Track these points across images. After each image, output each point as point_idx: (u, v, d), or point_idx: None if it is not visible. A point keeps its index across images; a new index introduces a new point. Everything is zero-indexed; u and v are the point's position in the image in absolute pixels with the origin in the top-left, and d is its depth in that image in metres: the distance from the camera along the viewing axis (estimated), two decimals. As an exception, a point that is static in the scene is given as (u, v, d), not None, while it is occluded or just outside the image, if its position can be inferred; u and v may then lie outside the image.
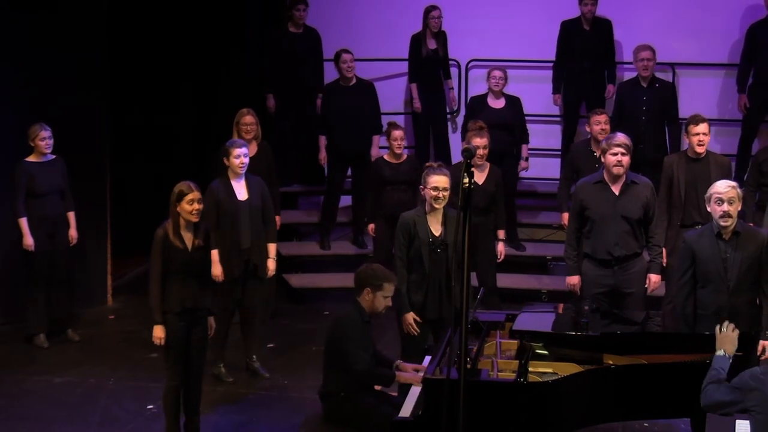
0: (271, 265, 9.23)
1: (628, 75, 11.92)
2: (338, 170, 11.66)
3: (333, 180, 11.76)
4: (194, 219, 7.55)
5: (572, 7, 12.00)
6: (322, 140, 11.53)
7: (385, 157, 10.49)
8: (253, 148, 9.86)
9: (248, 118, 9.88)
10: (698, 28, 12.40)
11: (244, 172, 8.96)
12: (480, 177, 9.56)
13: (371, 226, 10.60)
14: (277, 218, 9.79)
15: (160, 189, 7.76)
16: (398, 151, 10.37)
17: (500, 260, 9.94)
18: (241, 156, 8.88)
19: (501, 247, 9.86)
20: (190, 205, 7.48)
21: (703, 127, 9.16)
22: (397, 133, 10.35)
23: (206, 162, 10.18)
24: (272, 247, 9.23)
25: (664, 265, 9.22)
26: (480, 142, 9.41)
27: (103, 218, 11.15)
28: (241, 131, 9.83)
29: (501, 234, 9.85)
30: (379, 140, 11.47)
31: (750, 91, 11.71)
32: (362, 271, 7.22)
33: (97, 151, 11.05)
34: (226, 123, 10.02)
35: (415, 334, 7.88)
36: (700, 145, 9.21)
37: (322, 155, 11.56)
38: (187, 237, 7.57)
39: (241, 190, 9.00)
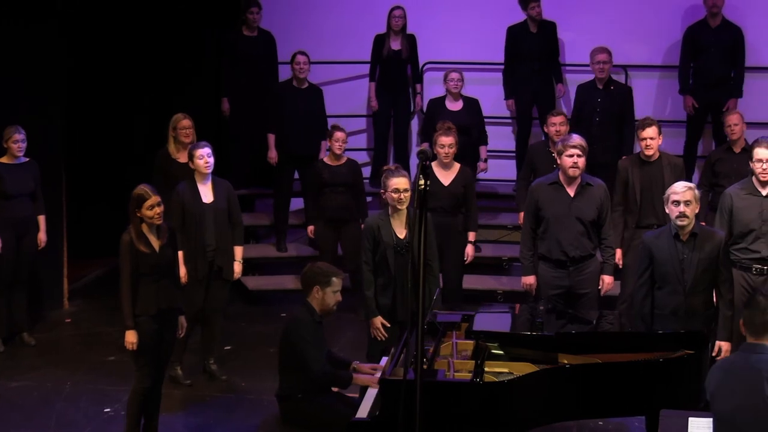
0: (237, 267, 9.27)
1: (582, 77, 11.99)
2: (286, 172, 11.66)
3: (282, 181, 11.76)
4: (158, 222, 7.56)
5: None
6: (272, 139, 11.53)
7: (325, 159, 10.58)
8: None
9: (185, 122, 9.86)
10: (648, 30, 12.53)
11: (210, 172, 8.97)
12: (446, 177, 9.58)
13: (310, 228, 10.71)
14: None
15: (117, 192, 7.75)
16: (338, 152, 10.42)
17: (468, 262, 9.97)
18: (204, 156, 8.89)
19: (470, 249, 9.89)
20: (151, 210, 7.48)
21: (650, 131, 9.28)
22: (339, 135, 10.41)
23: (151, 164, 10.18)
24: (239, 250, 9.27)
25: (619, 266, 9.34)
26: (446, 140, 9.46)
27: (60, 222, 11.09)
28: (179, 135, 9.82)
29: (471, 236, 9.88)
30: (326, 145, 11.52)
31: (692, 92, 11.86)
32: (307, 270, 7.24)
33: (53, 154, 10.98)
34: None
35: (382, 338, 7.94)
36: (648, 149, 9.33)
37: (272, 154, 11.54)
38: (153, 239, 7.57)
39: (206, 193, 9.02)
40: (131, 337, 7.53)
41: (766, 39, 12.21)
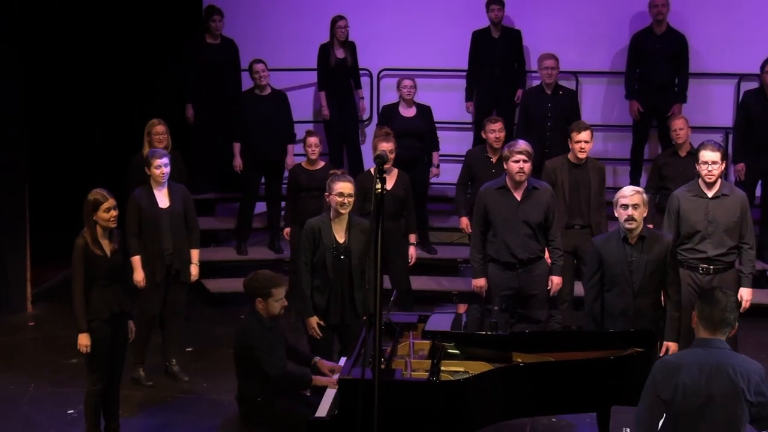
0: (194, 270, 9.34)
1: (535, 83, 12.16)
2: (253, 177, 11.76)
3: (249, 187, 11.85)
4: (113, 225, 7.64)
5: (482, 17, 12.20)
6: (237, 147, 11.62)
7: (302, 164, 10.62)
8: (165, 158, 9.99)
9: (160, 128, 9.95)
10: (598, 36, 12.72)
11: (165, 181, 9.07)
12: (388, 182, 9.63)
13: (287, 231, 10.73)
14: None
15: (79, 197, 7.80)
16: (313, 157, 10.48)
17: (412, 263, 10.10)
18: (162, 166, 8.99)
19: (412, 251, 10.00)
20: (107, 213, 7.55)
21: (585, 135, 9.40)
22: (312, 140, 10.47)
23: (125, 171, 10.25)
24: (195, 253, 9.34)
25: None
26: (387, 146, 9.51)
27: (22, 226, 11.12)
28: (153, 141, 9.89)
29: (412, 238, 10.00)
30: (293, 149, 11.65)
31: (637, 97, 12.07)
32: (248, 282, 7.26)
33: (15, 159, 11.02)
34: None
35: (318, 337, 8.01)
36: (582, 152, 9.45)
37: (238, 162, 11.64)
38: (106, 244, 7.63)
39: (162, 198, 9.10)
40: (84, 340, 7.61)
41: (710, 45, 12.46)
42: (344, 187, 7.96)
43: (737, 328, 5.57)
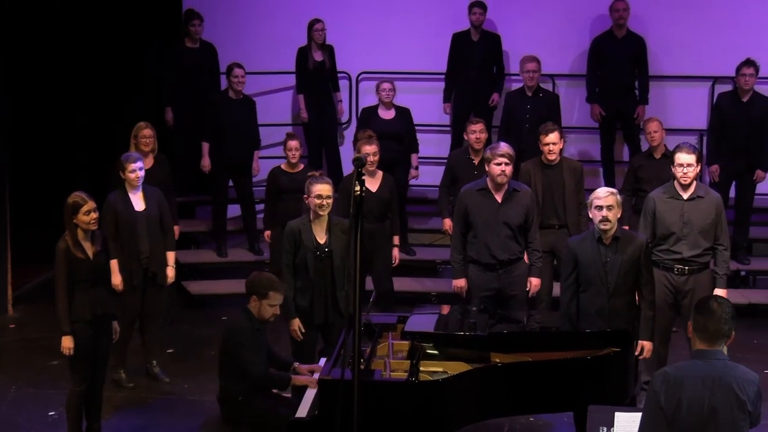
0: (170, 272, 9.36)
1: (515, 86, 12.23)
2: (222, 180, 11.79)
3: (218, 189, 11.89)
4: (93, 227, 7.66)
5: (461, 20, 12.26)
6: (206, 147, 11.65)
7: (282, 166, 10.66)
8: (150, 161, 9.96)
9: (147, 131, 9.97)
10: (571, 41, 12.83)
11: (140, 184, 9.11)
12: (373, 184, 9.73)
13: (267, 233, 10.77)
14: (176, 228, 10.01)
15: (61, 199, 7.84)
16: (293, 161, 10.53)
17: (396, 265, 10.17)
18: (136, 170, 9.02)
19: (396, 252, 10.09)
20: (87, 215, 7.59)
21: (551, 137, 9.43)
22: (293, 143, 10.52)
23: (106, 173, 10.28)
24: (171, 255, 9.37)
25: None
26: (369, 149, 9.60)
27: (3, 228, 11.12)
28: (139, 144, 9.91)
29: (396, 240, 10.09)
30: (258, 154, 11.75)
31: (599, 100, 12.18)
32: (250, 279, 7.34)
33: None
34: (126, 135, 10.08)
35: (299, 339, 8.06)
36: (550, 153, 9.49)
37: (206, 162, 11.66)
38: (87, 246, 7.67)
39: (138, 201, 9.13)
40: (68, 342, 7.64)
41: (668, 48, 12.58)
42: (323, 189, 8.03)
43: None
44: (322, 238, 8.08)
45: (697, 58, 12.56)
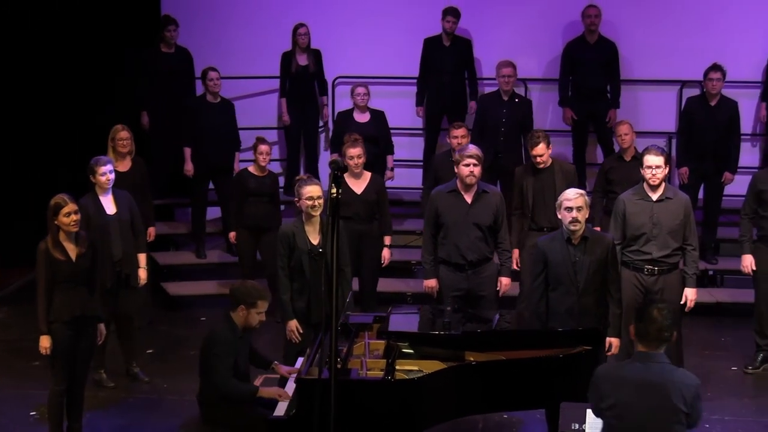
0: (142, 274, 9.43)
1: (489, 89, 12.38)
2: (202, 182, 11.88)
3: (198, 191, 11.97)
4: (74, 229, 7.70)
5: (435, 26, 12.36)
6: (188, 152, 11.71)
7: (250, 169, 10.75)
8: (128, 163, 10.06)
9: (123, 134, 10.02)
10: (544, 46, 12.97)
11: (110, 187, 9.15)
12: (359, 186, 9.84)
13: (232, 234, 10.88)
14: (152, 229, 10.15)
15: (41, 201, 7.93)
16: (264, 164, 10.63)
17: (385, 264, 10.24)
18: (106, 173, 9.05)
19: (386, 253, 10.16)
20: (68, 217, 7.64)
21: (538, 149, 9.54)
22: (264, 148, 10.61)
23: (84, 176, 10.36)
24: (142, 257, 9.44)
25: (517, 267, 9.67)
26: (354, 151, 9.72)
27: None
28: (117, 146, 9.97)
29: (387, 240, 10.17)
30: (239, 156, 11.82)
31: (572, 104, 12.35)
32: (237, 288, 7.35)
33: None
34: (103, 139, 10.13)
35: (297, 341, 8.15)
36: (539, 163, 9.62)
37: (189, 166, 11.72)
38: (70, 248, 7.71)
39: (109, 205, 9.17)
40: (45, 342, 7.70)
41: (638, 53, 12.76)
42: (312, 190, 8.13)
43: (680, 332, 5.69)
44: (315, 239, 8.17)
45: (666, 62, 12.72)
